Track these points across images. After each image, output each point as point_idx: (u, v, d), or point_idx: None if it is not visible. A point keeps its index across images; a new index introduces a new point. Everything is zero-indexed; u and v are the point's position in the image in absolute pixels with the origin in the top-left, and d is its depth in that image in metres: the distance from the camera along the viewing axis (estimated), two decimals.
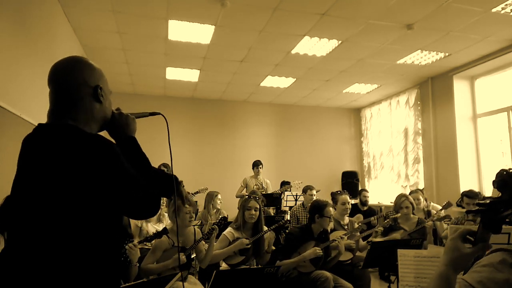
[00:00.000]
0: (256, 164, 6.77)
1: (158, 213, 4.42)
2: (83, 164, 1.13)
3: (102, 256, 1.18)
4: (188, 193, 5.42)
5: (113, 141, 1.30)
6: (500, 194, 1.05)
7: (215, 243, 3.22)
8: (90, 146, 1.16)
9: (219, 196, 5.16)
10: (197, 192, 5.46)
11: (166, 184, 1.45)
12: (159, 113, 1.53)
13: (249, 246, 3.30)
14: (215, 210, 5.14)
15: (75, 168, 1.13)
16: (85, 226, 1.15)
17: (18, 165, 1.21)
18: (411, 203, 4.16)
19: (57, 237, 1.12)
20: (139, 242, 3.11)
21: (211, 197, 5.12)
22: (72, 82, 1.27)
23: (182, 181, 1.66)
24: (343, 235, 3.55)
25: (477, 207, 1.10)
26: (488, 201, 1.07)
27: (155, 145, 3.82)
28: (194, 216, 3.24)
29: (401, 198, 4.20)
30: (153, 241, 2.95)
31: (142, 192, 1.18)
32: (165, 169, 5.02)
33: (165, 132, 1.53)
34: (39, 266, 1.10)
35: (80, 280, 1.12)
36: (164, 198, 4.44)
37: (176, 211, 3.02)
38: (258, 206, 3.43)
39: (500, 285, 0.89)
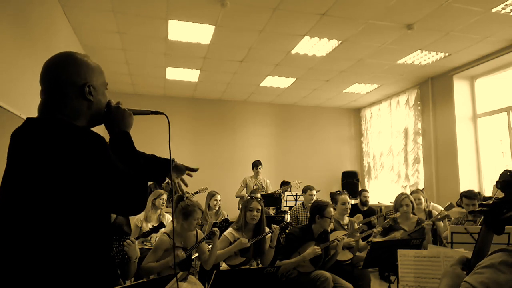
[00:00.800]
0: (256, 164, 6.76)
1: (158, 213, 4.43)
2: (69, 156, 1.12)
3: (90, 253, 1.17)
4: (188, 193, 5.42)
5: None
6: (499, 194, 1.05)
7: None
8: (77, 139, 1.15)
9: (217, 197, 5.14)
10: (196, 192, 5.46)
11: (161, 168, 1.46)
12: (162, 113, 1.46)
13: (248, 246, 3.30)
14: (214, 211, 5.14)
15: (61, 161, 1.12)
16: (72, 220, 1.14)
17: (7, 159, 1.20)
18: (411, 202, 4.16)
19: (43, 232, 1.11)
20: (136, 238, 3.11)
21: (210, 197, 5.13)
22: (59, 80, 1.25)
23: (174, 159, 1.60)
24: (343, 235, 3.55)
25: (478, 208, 1.11)
26: (491, 202, 1.08)
27: (155, 145, 3.82)
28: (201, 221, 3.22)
29: (401, 196, 4.21)
30: (152, 240, 2.95)
31: (128, 187, 1.17)
32: None
33: (165, 132, 1.48)
34: (24, 262, 1.09)
35: (67, 276, 1.12)
36: (165, 198, 4.46)
37: (176, 212, 3.02)
38: (260, 207, 3.42)
39: (503, 287, 0.89)
